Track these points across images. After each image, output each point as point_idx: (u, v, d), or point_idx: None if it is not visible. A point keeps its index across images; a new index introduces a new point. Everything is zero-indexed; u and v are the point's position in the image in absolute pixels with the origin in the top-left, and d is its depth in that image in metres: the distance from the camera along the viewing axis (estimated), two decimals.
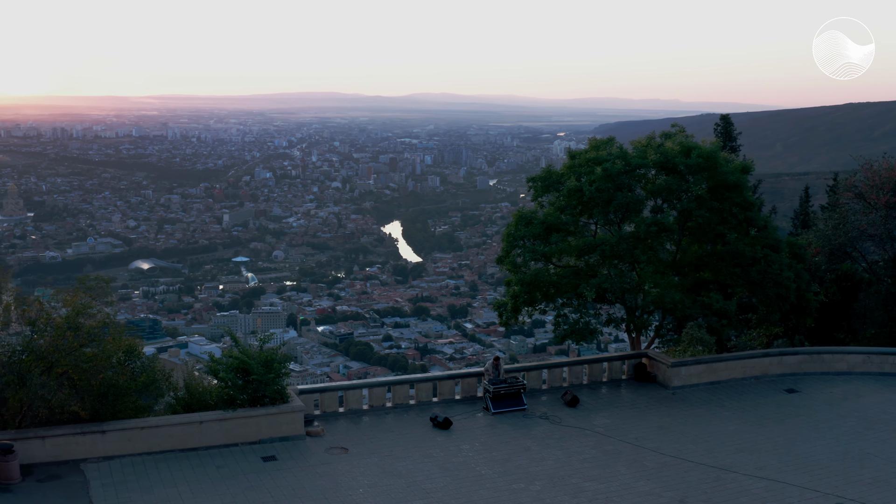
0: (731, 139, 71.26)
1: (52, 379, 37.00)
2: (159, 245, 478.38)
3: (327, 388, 45.95)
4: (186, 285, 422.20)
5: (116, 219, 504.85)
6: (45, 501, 33.89)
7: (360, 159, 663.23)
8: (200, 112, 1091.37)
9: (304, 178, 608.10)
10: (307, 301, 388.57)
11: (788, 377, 51.63)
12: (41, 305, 39.45)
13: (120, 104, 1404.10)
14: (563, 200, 52.67)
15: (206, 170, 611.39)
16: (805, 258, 55.11)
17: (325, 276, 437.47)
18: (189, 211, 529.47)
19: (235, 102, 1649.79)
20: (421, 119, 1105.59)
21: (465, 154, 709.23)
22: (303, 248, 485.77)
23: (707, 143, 53.38)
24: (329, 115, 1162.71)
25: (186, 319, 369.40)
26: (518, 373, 47.99)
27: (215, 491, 35.08)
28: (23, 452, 36.35)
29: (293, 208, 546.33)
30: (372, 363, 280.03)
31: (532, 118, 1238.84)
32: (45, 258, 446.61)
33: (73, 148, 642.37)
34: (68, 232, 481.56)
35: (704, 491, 35.66)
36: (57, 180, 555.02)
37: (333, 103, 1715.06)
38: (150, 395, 41.37)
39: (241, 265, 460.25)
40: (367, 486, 35.84)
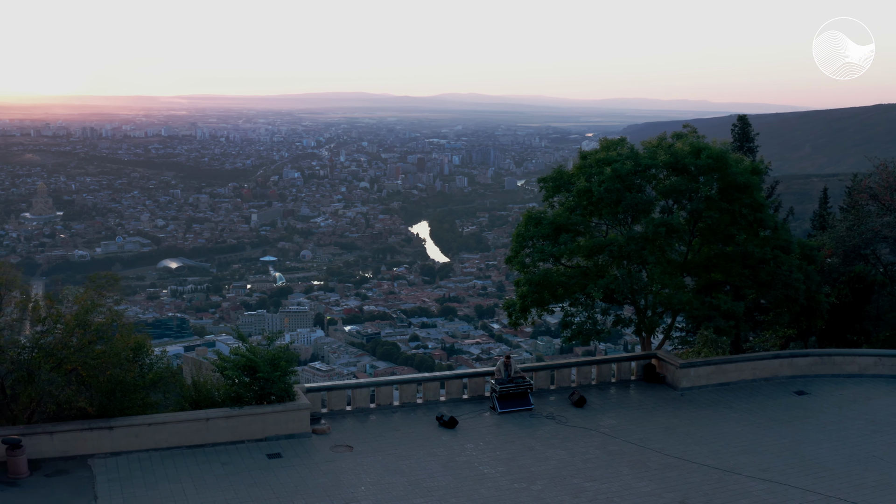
0: (749, 140, 70.93)
1: (60, 375, 37.58)
2: (187, 244, 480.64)
3: (334, 386, 46.28)
4: (214, 284, 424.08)
5: (145, 218, 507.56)
6: (51, 496, 34.32)
7: (388, 159, 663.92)
8: (229, 112, 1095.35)
9: (332, 177, 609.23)
10: (334, 301, 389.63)
11: (799, 379, 51.37)
12: (51, 303, 39.80)
13: (149, 104, 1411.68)
14: (573, 201, 52.73)
15: (235, 169, 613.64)
16: (816, 260, 54.70)
17: (353, 275, 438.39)
18: (217, 210, 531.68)
19: (264, 102, 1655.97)
20: (449, 119, 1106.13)
21: (493, 154, 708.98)
22: (330, 248, 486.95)
23: (717, 144, 53.23)
24: (357, 116, 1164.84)
25: (214, 318, 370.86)
26: (526, 373, 47.85)
27: (219, 487, 35.45)
28: (31, 447, 36.93)
29: (321, 208, 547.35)
30: (399, 363, 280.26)
31: (560, 119, 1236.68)
32: (73, 257, 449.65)
33: (103, 147, 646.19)
34: (97, 231, 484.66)
35: (705, 492, 35.64)
36: (86, 179, 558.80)
37: (362, 103, 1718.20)
38: (159, 392, 41.77)
39: (269, 265, 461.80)
40: (370, 484, 36.10)
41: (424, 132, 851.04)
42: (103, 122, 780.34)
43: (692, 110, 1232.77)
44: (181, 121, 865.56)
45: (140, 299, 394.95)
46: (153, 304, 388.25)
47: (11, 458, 35.72)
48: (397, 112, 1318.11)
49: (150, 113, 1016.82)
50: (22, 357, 37.98)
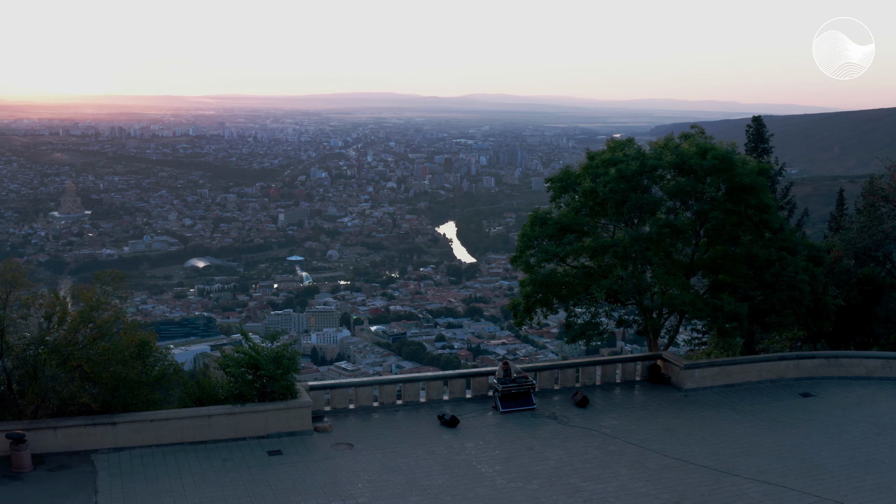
0: (763, 141, 70.62)
1: (63, 371, 38.16)
2: (215, 243, 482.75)
3: (337, 384, 46.57)
4: (241, 284, 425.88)
5: (173, 217, 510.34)
6: (53, 489, 34.87)
7: (416, 159, 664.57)
8: (257, 112, 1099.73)
9: (360, 177, 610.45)
10: (361, 300, 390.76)
11: (805, 381, 51.16)
12: (58, 299, 40.33)
13: (177, 104, 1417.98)
14: (579, 201, 52.88)
15: (262, 169, 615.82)
16: (823, 261, 54.31)
17: (379, 275, 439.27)
18: (245, 210, 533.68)
19: (292, 102, 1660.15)
20: (476, 120, 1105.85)
21: (521, 155, 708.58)
22: (357, 248, 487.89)
23: (724, 145, 53.20)
24: (385, 116, 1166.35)
25: (241, 318, 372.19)
26: (529, 373, 48.02)
27: (218, 483, 35.86)
28: (35, 442, 37.51)
29: (348, 208, 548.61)
30: (424, 363, 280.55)
31: (588, 119, 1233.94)
32: (101, 255, 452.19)
33: (131, 147, 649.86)
34: (125, 230, 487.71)
35: (702, 493, 35.65)
36: (114, 179, 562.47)
37: (389, 103, 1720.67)
38: (163, 389, 42.29)
39: (296, 264, 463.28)
40: (367, 482, 36.38)
41: (452, 132, 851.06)
42: (132, 121, 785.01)
43: (720, 111, 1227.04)
44: (209, 120, 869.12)
45: (167, 298, 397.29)
46: (180, 302, 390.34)
47: (15, 452, 36.29)
48: (425, 112, 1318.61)
49: (179, 113, 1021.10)
50: (28, 353, 38.56)
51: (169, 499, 34.25)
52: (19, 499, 33.93)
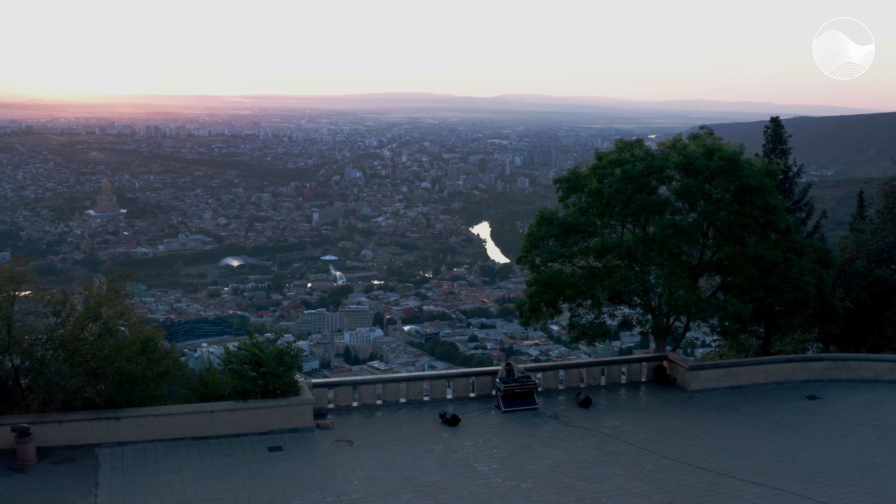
0: (781, 142, 70.20)
1: (67, 366, 38.84)
2: (249, 242, 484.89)
3: (341, 382, 47.13)
4: (275, 283, 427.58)
5: (207, 216, 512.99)
6: (55, 482, 35.61)
7: (450, 160, 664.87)
8: (292, 112, 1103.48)
9: (394, 177, 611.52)
10: (394, 300, 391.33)
11: (812, 383, 50.90)
12: (66, 296, 41.01)
13: (213, 103, 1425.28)
14: (586, 202, 53.02)
15: (297, 169, 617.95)
16: (832, 263, 54.07)
17: (413, 275, 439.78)
18: (279, 209, 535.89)
19: (327, 102, 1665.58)
20: (511, 120, 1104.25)
21: (555, 155, 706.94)
22: (391, 248, 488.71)
23: (732, 146, 53.19)
24: (419, 116, 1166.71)
25: (274, 317, 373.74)
26: (532, 373, 48.23)
27: (216, 478, 36.43)
28: (41, 436, 38.30)
29: (382, 208, 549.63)
30: (457, 363, 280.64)
31: (623, 120, 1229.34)
32: (136, 254, 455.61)
33: (167, 146, 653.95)
34: (160, 228, 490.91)
35: (696, 495, 35.69)
36: (150, 178, 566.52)
37: (424, 104, 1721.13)
38: (168, 385, 42.91)
39: (330, 263, 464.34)
40: (363, 479, 36.77)
41: (486, 133, 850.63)
42: (167, 120, 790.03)
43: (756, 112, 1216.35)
44: (245, 120, 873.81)
45: (201, 297, 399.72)
46: (214, 301, 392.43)
47: (20, 445, 37.10)
48: (459, 112, 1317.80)
49: (214, 112, 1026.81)
50: (35, 348, 39.26)
51: (167, 492, 34.85)
52: (21, 491, 34.65)
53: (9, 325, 38.73)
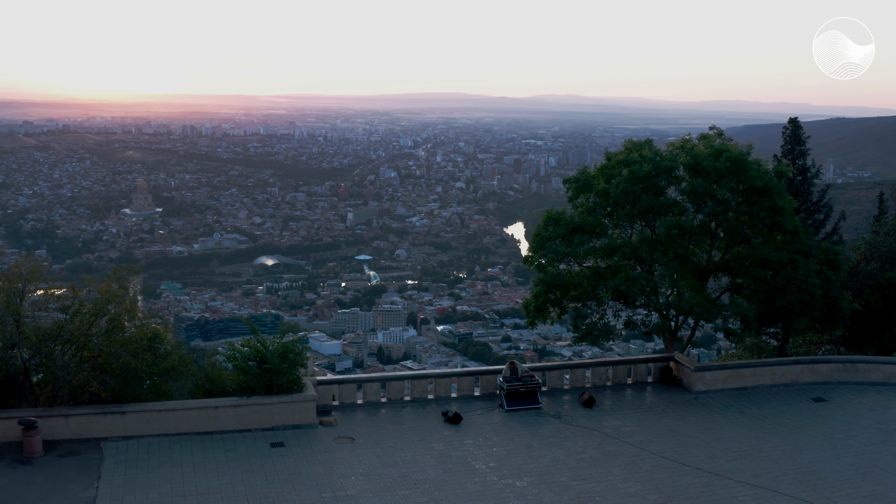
0: (800, 143, 69.95)
1: (73, 361, 39.61)
2: (284, 242, 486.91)
3: (345, 379, 47.81)
4: (309, 282, 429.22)
5: (242, 215, 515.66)
6: (59, 474, 36.33)
7: (485, 160, 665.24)
8: (328, 111, 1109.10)
9: (429, 177, 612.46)
10: (428, 300, 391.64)
11: (819, 386, 50.54)
12: (75, 292, 41.75)
13: (249, 103, 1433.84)
14: (593, 202, 53.14)
15: (332, 168, 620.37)
16: (840, 265, 53.72)
17: (447, 275, 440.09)
18: (314, 209, 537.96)
19: (362, 102, 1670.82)
20: (546, 120, 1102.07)
21: (590, 156, 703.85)
22: (425, 248, 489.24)
23: (740, 146, 53.07)
24: (454, 116, 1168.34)
25: (308, 316, 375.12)
26: (539, 372, 48.45)
27: (217, 472, 36.97)
28: (48, 429, 39.08)
29: (416, 208, 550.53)
30: (490, 363, 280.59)
31: (658, 121, 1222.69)
32: (171, 252, 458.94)
33: (202, 145, 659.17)
34: (195, 227, 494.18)
35: (690, 496, 35.72)
36: (185, 177, 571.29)
37: (459, 104, 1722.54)
38: (174, 381, 43.58)
39: (364, 263, 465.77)
40: (360, 475, 37.17)
41: (521, 133, 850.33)
42: (203, 120, 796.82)
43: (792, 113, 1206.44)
44: (280, 120, 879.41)
45: (236, 295, 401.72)
46: (248, 300, 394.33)
47: (27, 438, 37.88)
48: (494, 113, 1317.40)
49: (250, 112, 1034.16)
50: (43, 343, 39.96)
51: (167, 486, 35.45)
52: (25, 482, 35.38)
53: (17, 320, 39.46)
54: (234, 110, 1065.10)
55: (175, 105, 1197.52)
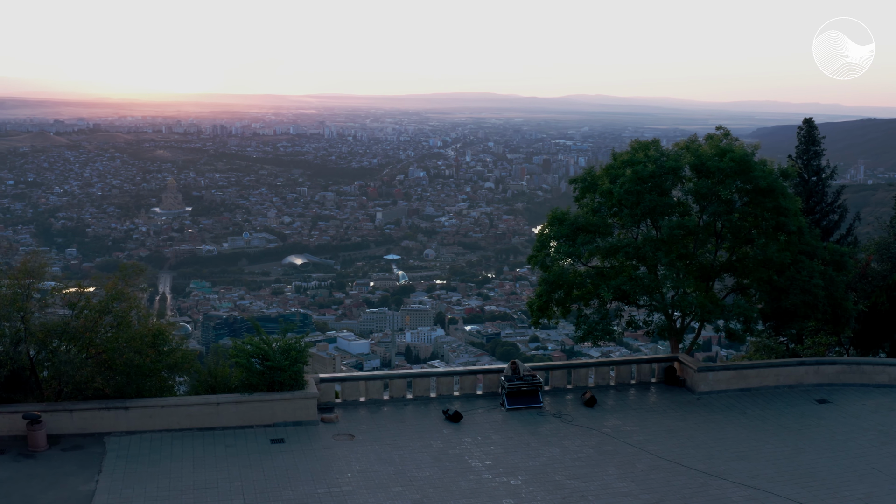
0: (815, 143, 69.76)
1: (76, 357, 40.32)
2: (312, 241, 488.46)
3: (348, 377, 48.10)
4: (338, 281, 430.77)
5: (272, 214, 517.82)
6: (61, 468, 36.99)
7: (514, 160, 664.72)
8: (357, 111, 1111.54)
9: (458, 177, 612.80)
10: (456, 300, 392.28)
11: (824, 387, 50.27)
12: (81, 289, 42.38)
13: (279, 102, 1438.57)
14: (598, 202, 53.20)
15: (361, 168, 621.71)
16: (846, 266, 53.31)
17: (475, 275, 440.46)
18: (343, 208, 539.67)
19: (392, 102, 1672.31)
20: (576, 120, 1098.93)
21: None
22: (454, 248, 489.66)
23: (745, 147, 52.99)
24: (484, 116, 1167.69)
25: (336, 315, 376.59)
26: (542, 372, 48.70)
27: (216, 467, 37.49)
28: (52, 424, 39.77)
29: (445, 207, 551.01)
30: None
31: (688, 121, 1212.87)
32: (201, 251, 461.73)
33: (232, 144, 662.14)
34: (224, 226, 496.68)
35: (683, 496, 35.75)
36: (215, 176, 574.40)
37: (489, 104, 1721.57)
38: (180, 377, 44.22)
39: (393, 263, 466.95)
40: (357, 471, 37.53)
41: (551, 133, 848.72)
42: (233, 119, 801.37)
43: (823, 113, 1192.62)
44: (310, 119, 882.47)
45: (264, 294, 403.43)
46: (277, 299, 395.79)
47: (31, 432, 38.59)
48: (524, 113, 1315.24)
49: (280, 111, 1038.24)
50: (50, 339, 40.60)
51: (165, 480, 35.99)
52: (27, 475, 36.03)
53: (24, 317, 40.08)
54: (264, 110, 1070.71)
55: (205, 104, 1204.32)
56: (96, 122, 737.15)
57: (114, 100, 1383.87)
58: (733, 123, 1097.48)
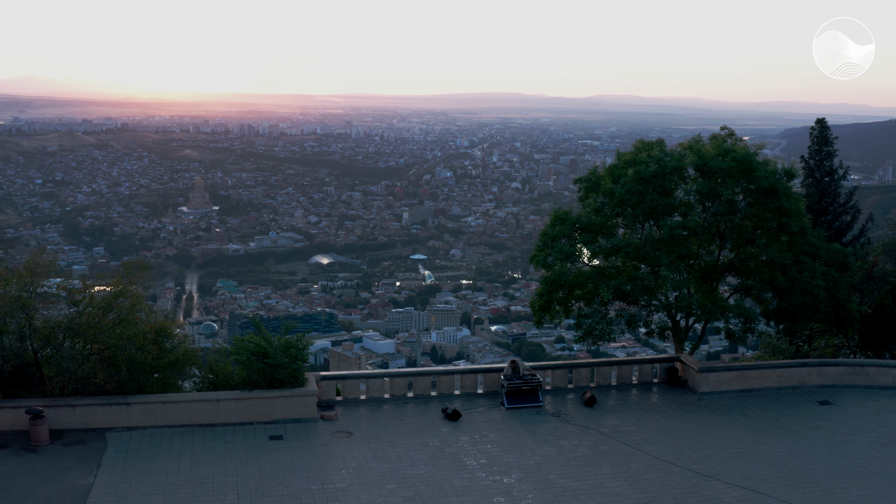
0: (827, 144, 69.67)
1: (78, 353, 41.12)
2: (339, 241, 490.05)
3: (349, 375, 48.37)
4: (364, 281, 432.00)
5: (298, 214, 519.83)
6: (61, 462, 37.61)
7: (541, 160, 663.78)
8: (384, 111, 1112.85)
9: (484, 177, 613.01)
10: (482, 300, 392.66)
11: (828, 389, 50.03)
12: (86, 286, 42.96)
13: (306, 102, 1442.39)
14: (600, 202, 53.15)
15: (388, 168, 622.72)
16: (849, 267, 53.03)
17: (501, 275, 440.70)
18: (369, 208, 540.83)
19: (419, 102, 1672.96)
20: (603, 121, 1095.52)
21: None
22: (480, 248, 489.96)
23: (747, 146, 52.87)
24: (511, 116, 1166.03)
25: (362, 314, 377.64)
26: (543, 371, 48.91)
27: (213, 463, 37.97)
28: (55, 419, 40.40)
29: (472, 207, 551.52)
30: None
31: (716, 122, 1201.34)
32: (228, 250, 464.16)
33: (259, 144, 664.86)
34: (251, 226, 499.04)
35: (675, 496, 35.78)
36: (242, 175, 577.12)
37: (516, 104, 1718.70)
38: (177, 373, 44.79)
39: (419, 263, 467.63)
40: (352, 468, 37.85)
41: (578, 133, 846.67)
42: (260, 119, 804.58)
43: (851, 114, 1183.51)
44: (337, 119, 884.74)
45: (291, 294, 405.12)
46: (303, 298, 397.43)
47: (33, 426, 39.21)
48: (551, 113, 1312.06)
49: (307, 111, 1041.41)
50: (54, 335, 41.22)
51: (162, 475, 36.48)
52: (27, 469, 36.65)
53: (29, 313, 40.66)
54: (291, 109, 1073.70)
55: (233, 104, 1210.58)
56: (124, 122, 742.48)
57: (142, 99, 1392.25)
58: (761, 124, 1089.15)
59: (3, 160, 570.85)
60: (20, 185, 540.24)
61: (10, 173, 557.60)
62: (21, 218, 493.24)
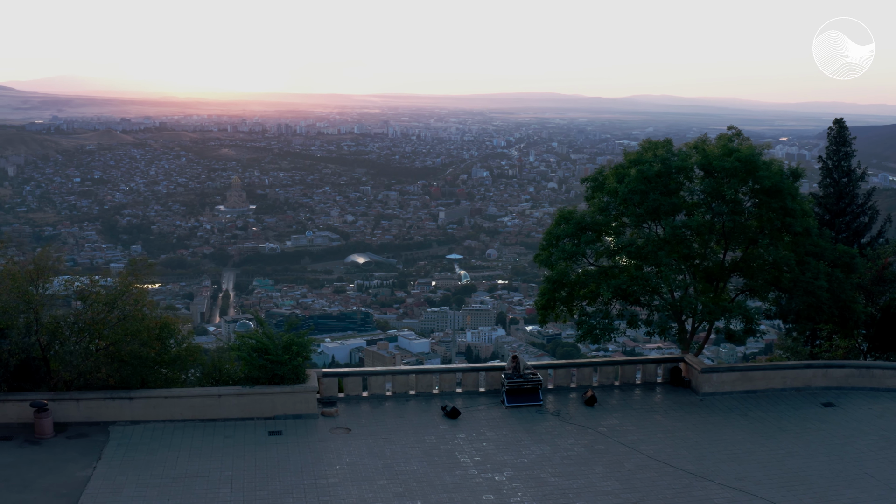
0: (846, 144, 69.18)
1: (84, 348, 41.92)
2: (375, 240, 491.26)
3: (350, 372, 48.92)
4: (399, 280, 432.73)
5: (335, 213, 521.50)
6: (63, 454, 38.43)
7: (578, 160, 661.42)
8: (421, 111, 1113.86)
9: (521, 177, 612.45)
10: (517, 300, 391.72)
11: (833, 390, 49.55)
12: (93, 283, 43.72)
13: (343, 102, 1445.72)
14: (605, 201, 53.13)
15: (424, 167, 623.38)
16: (855, 268, 52.59)
17: (537, 275, 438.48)
18: (406, 207, 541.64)
19: (456, 102, 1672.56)
20: (640, 121, 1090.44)
21: None
22: (516, 248, 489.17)
23: (752, 146, 52.67)
24: (548, 116, 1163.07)
25: (398, 314, 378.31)
26: (545, 370, 49.05)
27: (211, 457, 38.61)
28: (59, 412, 41.26)
29: (508, 207, 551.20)
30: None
31: (754, 122, 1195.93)
32: (264, 249, 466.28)
33: (296, 143, 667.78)
34: (288, 225, 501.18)
35: (665, 496, 35.79)
36: (279, 174, 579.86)
37: (553, 104, 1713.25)
38: (179, 369, 45.49)
39: (455, 262, 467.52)
40: (346, 465, 38.27)
41: (615, 133, 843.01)
42: (298, 118, 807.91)
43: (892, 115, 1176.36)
44: (374, 119, 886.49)
45: (327, 292, 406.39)
46: (339, 297, 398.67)
47: (38, 419, 40.04)
48: (588, 113, 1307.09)
49: (344, 111, 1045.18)
50: (60, 330, 42.04)
51: (160, 468, 37.16)
52: (29, 461, 37.47)
53: (35, 308, 41.42)
54: (328, 109, 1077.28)
55: (270, 104, 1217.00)
56: (162, 121, 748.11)
57: (179, 98, 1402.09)
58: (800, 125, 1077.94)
59: (43, 158, 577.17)
60: (59, 184, 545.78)
61: (49, 171, 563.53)
62: (60, 216, 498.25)
